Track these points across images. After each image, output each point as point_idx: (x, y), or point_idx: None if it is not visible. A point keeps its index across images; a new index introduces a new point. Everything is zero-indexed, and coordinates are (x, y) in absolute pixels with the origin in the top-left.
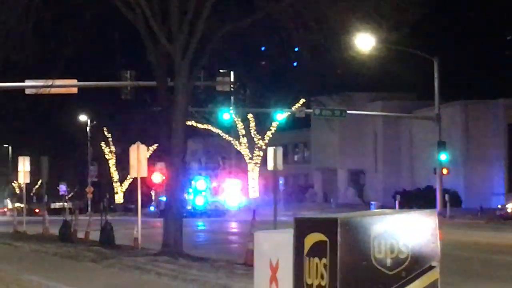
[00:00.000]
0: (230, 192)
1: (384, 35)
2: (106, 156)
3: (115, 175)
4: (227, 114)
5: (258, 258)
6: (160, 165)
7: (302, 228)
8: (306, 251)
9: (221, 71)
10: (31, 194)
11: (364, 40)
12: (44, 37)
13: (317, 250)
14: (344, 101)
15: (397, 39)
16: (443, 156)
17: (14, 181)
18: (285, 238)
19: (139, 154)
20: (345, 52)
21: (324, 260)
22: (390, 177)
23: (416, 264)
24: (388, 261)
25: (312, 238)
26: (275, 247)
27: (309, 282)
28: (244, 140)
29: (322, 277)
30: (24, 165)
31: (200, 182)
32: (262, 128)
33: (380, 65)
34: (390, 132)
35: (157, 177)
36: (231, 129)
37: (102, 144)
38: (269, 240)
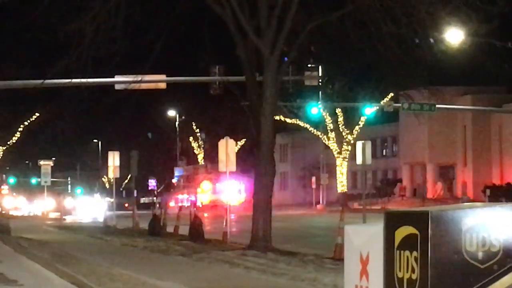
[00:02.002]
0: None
1: (474, 28)
2: (195, 151)
3: None
4: (316, 109)
5: (348, 252)
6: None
7: (392, 221)
8: (396, 244)
9: (309, 65)
10: (121, 189)
11: (453, 33)
12: (133, 32)
13: (408, 243)
14: (433, 95)
15: (486, 32)
16: None
17: (104, 176)
18: (375, 231)
19: (228, 148)
20: (434, 46)
21: (415, 254)
22: (479, 171)
23: (508, 258)
24: (480, 255)
25: (403, 231)
26: (366, 241)
27: (400, 275)
28: (332, 134)
29: (413, 270)
30: (114, 160)
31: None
32: (350, 122)
33: (469, 59)
34: (480, 126)
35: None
36: (319, 124)
37: (191, 139)
38: (359, 234)
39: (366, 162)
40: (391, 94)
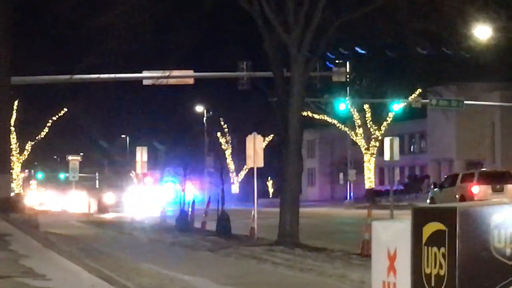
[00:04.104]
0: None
1: (502, 24)
2: (223, 147)
3: (232, 165)
4: (343, 105)
5: (376, 248)
6: None
7: (420, 217)
8: (424, 240)
9: (337, 61)
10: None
11: (481, 29)
12: (161, 28)
13: (436, 239)
14: (461, 91)
15: None
16: None
17: (132, 171)
18: (403, 227)
19: (256, 144)
20: (462, 42)
21: (442, 250)
22: (508, 167)
23: None
24: (508, 251)
25: (431, 227)
26: (393, 237)
27: (428, 271)
28: (360, 130)
29: (441, 266)
30: (141, 155)
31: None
32: (378, 118)
33: (498, 55)
34: (508, 122)
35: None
36: (347, 120)
37: (218, 134)
38: (387, 230)
39: (393, 158)
40: (419, 90)
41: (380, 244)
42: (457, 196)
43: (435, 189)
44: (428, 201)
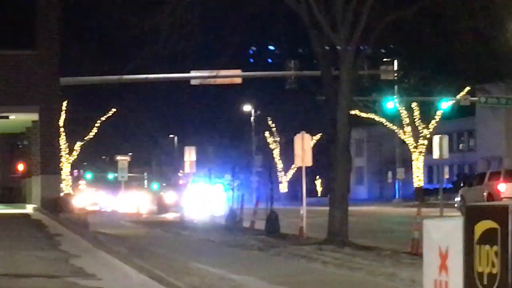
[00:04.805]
0: None
1: None
2: (271, 146)
3: (280, 165)
4: (391, 103)
5: (428, 246)
6: None
7: (472, 215)
8: (476, 238)
9: (384, 59)
10: None
11: None
12: (209, 27)
13: (488, 237)
14: (510, 88)
15: None
16: None
17: (181, 171)
18: (455, 225)
19: (304, 143)
20: (511, 39)
21: (495, 248)
22: None
23: None
24: None
25: (483, 226)
26: (445, 235)
27: (480, 270)
28: (408, 129)
29: (493, 265)
30: (190, 155)
31: None
32: (426, 116)
33: None
34: None
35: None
36: (395, 118)
37: (266, 133)
38: (438, 228)
39: (443, 156)
40: (468, 88)
41: (432, 242)
42: (484, 194)
43: (465, 187)
44: (458, 199)
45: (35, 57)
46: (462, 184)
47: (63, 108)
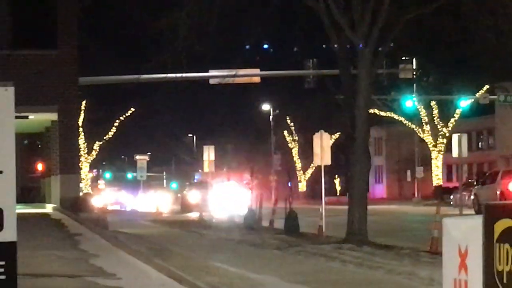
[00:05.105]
0: None
1: None
2: (289, 145)
3: (298, 164)
4: (410, 102)
5: (447, 245)
6: None
7: (492, 213)
8: (496, 237)
9: (403, 58)
10: None
11: None
12: (228, 27)
13: (508, 236)
14: None
15: None
16: None
17: (199, 170)
18: (474, 224)
19: (323, 142)
20: None
21: None
22: None
23: None
24: None
25: (503, 224)
26: (464, 233)
27: (500, 268)
28: (427, 127)
29: None
30: (209, 154)
31: None
32: (445, 115)
33: None
34: None
35: None
36: (414, 117)
37: (285, 132)
38: (458, 227)
39: (462, 155)
40: (487, 86)
41: (451, 241)
42: (497, 192)
43: (478, 186)
44: (472, 197)
45: (54, 57)
46: (475, 183)
47: (82, 108)
